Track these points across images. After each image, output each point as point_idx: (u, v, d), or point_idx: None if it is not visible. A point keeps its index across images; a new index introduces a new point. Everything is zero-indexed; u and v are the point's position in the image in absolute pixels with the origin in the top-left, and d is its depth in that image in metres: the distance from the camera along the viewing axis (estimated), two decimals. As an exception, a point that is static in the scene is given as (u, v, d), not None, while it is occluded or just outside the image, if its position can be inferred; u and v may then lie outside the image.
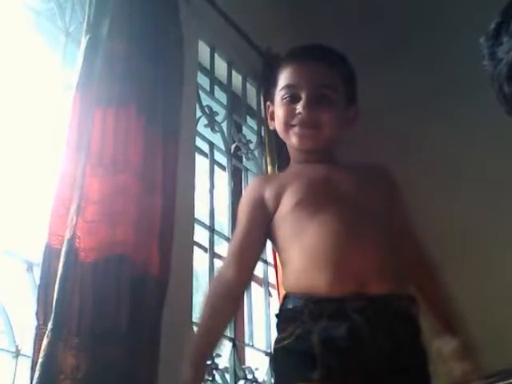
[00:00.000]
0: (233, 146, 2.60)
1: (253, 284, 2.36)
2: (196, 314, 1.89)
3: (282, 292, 1.59)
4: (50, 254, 1.59)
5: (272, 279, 2.43)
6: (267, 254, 2.34)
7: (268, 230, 1.54)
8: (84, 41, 1.81)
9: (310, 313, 1.39)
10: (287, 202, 1.52)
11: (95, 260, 1.58)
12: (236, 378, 2.14)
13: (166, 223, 1.78)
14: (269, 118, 1.64)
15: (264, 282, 2.48)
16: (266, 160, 2.56)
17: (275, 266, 2.30)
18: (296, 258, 1.47)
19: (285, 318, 1.46)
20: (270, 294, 2.47)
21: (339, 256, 1.43)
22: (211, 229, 2.30)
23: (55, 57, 1.92)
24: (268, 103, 1.65)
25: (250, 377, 2.20)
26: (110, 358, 1.51)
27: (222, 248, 2.31)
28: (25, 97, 1.83)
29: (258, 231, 1.54)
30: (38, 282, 1.57)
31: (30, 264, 1.69)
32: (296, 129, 1.54)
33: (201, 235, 2.21)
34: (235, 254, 1.50)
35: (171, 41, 1.98)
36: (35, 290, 1.59)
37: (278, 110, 1.57)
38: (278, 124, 1.58)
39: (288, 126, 1.55)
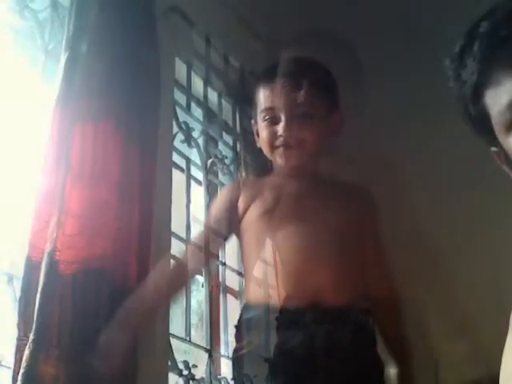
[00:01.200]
0: (209, 162, 2.59)
1: (228, 296, 2.36)
2: (173, 325, 1.90)
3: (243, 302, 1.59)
4: (31, 267, 1.59)
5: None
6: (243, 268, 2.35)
7: (236, 233, 1.58)
8: (63, 58, 1.82)
9: (267, 322, 1.47)
10: (254, 211, 1.59)
11: (75, 272, 1.59)
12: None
13: (143, 236, 1.78)
14: (255, 135, 1.67)
15: (239, 295, 2.43)
16: (241, 175, 2.57)
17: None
18: (256, 268, 1.56)
19: (243, 327, 1.54)
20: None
21: (296, 268, 1.50)
22: (188, 242, 2.30)
23: (35, 74, 1.93)
24: (253, 121, 1.68)
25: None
26: (89, 368, 1.50)
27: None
28: (5, 112, 1.83)
29: (222, 231, 1.58)
30: (18, 294, 1.58)
31: (11, 276, 1.69)
32: (280, 150, 1.59)
33: (178, 248, 2.23)
34: (197, 247, 1.55)
35: (148, 57, 1.99)
36: (15, 302, 1.59)
37: (262, 132, 1.61)
38: (262, 145, 1.62)
39: (272, 147, 1.59)
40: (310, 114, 1.59)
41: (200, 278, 2.15)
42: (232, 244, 1.93)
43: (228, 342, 2.29)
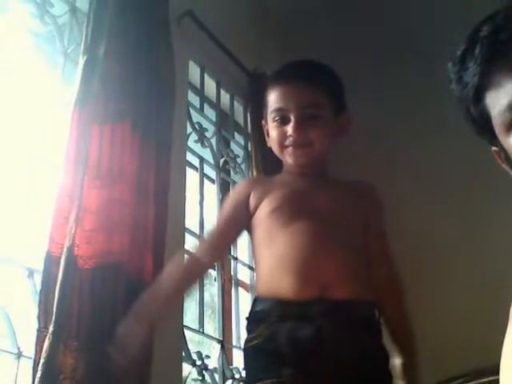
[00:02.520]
0: (221, 161, 2.64)
1: (240, 289, 2.39)
2: (187, 317, 1.94)
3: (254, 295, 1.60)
4: (50, 261, 1.62)
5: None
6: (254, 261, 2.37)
7: (246, 228, 1.62)
8: (81, 61, 1.84)
9: (277, 315, 1.46)
10: (265, 207, 1.59)
11: (93, 267, 1.61)
12: (224, 378, 2.16)
13: (158, 232, 1.81)
14: (266, 135, 1.70)
15: (251, 288, 2.51)
16: (252, 173, 2.61)
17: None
18: (266, 263, 1.55)
19: (254, 319, 1.52)
20: None
21: (304, 263, 1.49)
22: (201, 237, 2.33)
23: (54, 76, 1.96)
24: (263, 122, 1.70)
25: (237, 376, 2.23)
26: (106, 358, 1.49)
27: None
28: (26, 114, 1.86)
29: (234, 227, 1.61)
30: (38, 287, 1.61)
31: (31, 271, 1.72)
32: (289, 150, 1.60)
33: (191, 243, 2.25)
34: (210, 243, 1.58)
35: (163, 61, 2.02)
36: (36, 295, 1.62)
37: (272, 131, 1.62)
38: (273, 145, 1.63)
39: (282, 147, 1.61)
40: (318, 115, 1.59)
41: (213, 272, 2.19)
42: (244, 239, 1.95)
43: (240, 334, 2.34)
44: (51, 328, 1.52)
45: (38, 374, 1.48)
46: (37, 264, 1.69)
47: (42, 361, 1.49)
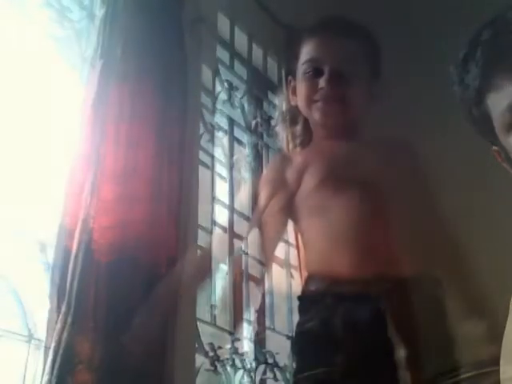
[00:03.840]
0: (253, 123, 2.54)
1: (274, 265, 2.34)
2: (199, 310, 1.93)
3: (305, 274, 1.57)
4: (64, 235, 1.56)
5: (294, 260, 2.38)
6: (289, 234, 2.28)
7: (289, 210, 1.51)
8: (98, 64, 1.83)
9: (333, 295, 1.37)
10: (309, 181, 1.49)
11: (111, 241, 1.55)
12: (257, 363, 2.12)
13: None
14: (290, 93, 1.60)
15: (285, 264, 2.44)
16: (287, 137, 2.50)
17: (297, 247, 2.27)
18: (318, 239, 1.45)
19: (307, 300, 1.44)
20: (291, 276, 2.44)
21: (363, 237, 1.41)
22: (231, 208, 2.25)
23: (73, 78, 1.98)
24: (290, 78, 1.63)
25: (270, 361, 2.17)
26: (122, 347, 1.46)
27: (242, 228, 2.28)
28: (44, 111, 1.85)
29: (278, 212, 1.52)
30: (51, 263, 1.56)
31: (44, 245, 1.65)
32: (319, 104, 1.52)
33: (203, 239, 2.21)
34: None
35: (176, 63, 2.00)
36: (48, 271, 1.57)
37: (301, 85, 1.57)
38: (300, 99, 1.57)
39: (311, 101, 1.54)
40: (353, 71, 1.53)
41: (224, 267, 2.18)
42: (254, 234, 1.84)
43: (273, 314, 2.28)
44: (64, 308, 1.46)
45: (50, 358, 1.42)
46: (49, 238, 1.63)
47: (53, 344, 1.43)
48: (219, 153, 2.36)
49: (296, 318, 1.47)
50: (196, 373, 1.91)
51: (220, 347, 2.03)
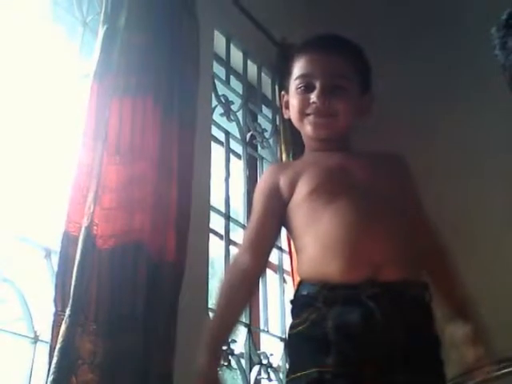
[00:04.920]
0: (248, 135, 2.57)
1: (268, 271, 2.34)
2: (212, 301, 1.89)
3: (297, 279, 1.57)
4: (68, 241, 1.56)
5: (287, 266, 2.41)
6: (282, 241, 2.30)
7: (283, 218, 1.52)
8: (101, 31, 1.78)
9: (324, 299, 1.36)
10: (302, 189, 1.49)
11: (112, 247, 1.55)
12: (251, 364, 2.12)
13: (182, 211, 1.75)
14: (283, 107, 1.62)
15: (279, 269, 2.46)
16: (280, 148, 2.52)
17: (290, 253, 2.28)
18: (310, 246, 1.44)
19: (299, 304, 1.43)
20: (284, 281, 2.45)
21: (353, 243, 1.40)
22: (227, 216, 2.26)
23: (73, 46, 1.90)
24: (283, 92, 1.63)
25: (265, 362, 2.18)
26: (126, 344, 1.48)
27: (238, 235, 2.27)
28: (43, 86, 1.80)
29: (272, 219, 1.52)
30: (55, 268, 1.55)
31: (48, 251, 1.66)
32: (311, 118, 1.51)
33: (217, 222, 2.18)
34: (251, 242, 1.48)
35: (187, 31, 1.95)
36: (53, 276, 1.57)
37: (293, 99, 1.55)
38: (292, 113, 1.56)
39: (303, 114, 1.53)
40: (344, 86, 1.52)
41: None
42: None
43: (267, 317, 2.28)
44: (68, 311, 1.46)
45: (55, 360, 1.42)
46: (54, 244, 1.62)
47: (58, 346, 1.43)
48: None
49: (289, 320, 1.47)
50: (195, 373, 1.91)
51: (234, 340, 2.05)
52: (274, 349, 2.25)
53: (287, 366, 1.55)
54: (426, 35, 2.82)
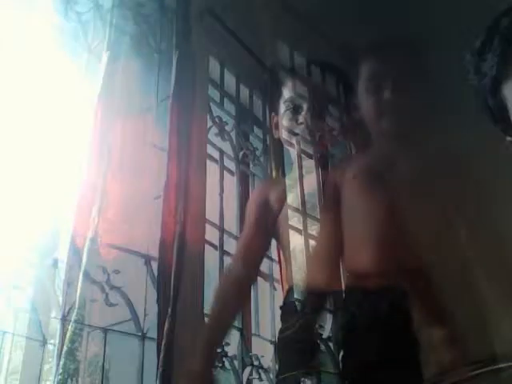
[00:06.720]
0: (241, 153, 2.57)
1: (259, 279, 2.34)
2: (207, 306, 1.87)
3: (286, 286, 1.59)
4: (73, 251, 1.58)
5: (276, 274, 2.41)
6: (272, 251, 2.33)
7: (273, 229, 1.55)
8: (105, 57, 1.82)
9: (310, 305, 1.43)
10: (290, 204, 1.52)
11: (115, 257, 1.58)
12: (243, 365, 2.09)
13: (180, 224, 1.78)
14: (273, 127, 1.66)
15: (269, 277, 2.39)
16: (270, 166, 2.55)
17: (279, 263, 2.29)
18: (298, 256, 1.54)
19: (288, 309, 1.48)
20: (274, 288, 2.44)
21: (335, 256, 1.45)
22: (221, 228, 2.29)
23: (78, 71, 1.92)
24: (273, 114, 1.66)
25: (256, 363, 2.13)
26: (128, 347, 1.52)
27: (231, 246, 2.30)
28: (50, 107, 1.83)
29: (263, 231, 1.55)
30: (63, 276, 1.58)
31: (55, 260, 1.66)
32: (299, 137, 1.55)
33: (211, 234, 2.21)
34: (243, 252, 1.51)
35: (184, 57, 1.99)
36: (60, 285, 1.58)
37: (282, 120, 1.59)
38: (282, 132, 1.60)
39: (292, 134, 1.57)
40: (330, 107, 1.56)
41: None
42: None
43: (258, 322, 2.23)
44: (73, 317, 1.51)
45: (62, 362, 1.47)
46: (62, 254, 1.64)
47: (65, 349, 1.47)
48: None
49: (278, 325, 1.49)
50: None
51: (228, 343, 1.98)
52: (264, 351, 2.19)
53: (277, 366, 1.57)
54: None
